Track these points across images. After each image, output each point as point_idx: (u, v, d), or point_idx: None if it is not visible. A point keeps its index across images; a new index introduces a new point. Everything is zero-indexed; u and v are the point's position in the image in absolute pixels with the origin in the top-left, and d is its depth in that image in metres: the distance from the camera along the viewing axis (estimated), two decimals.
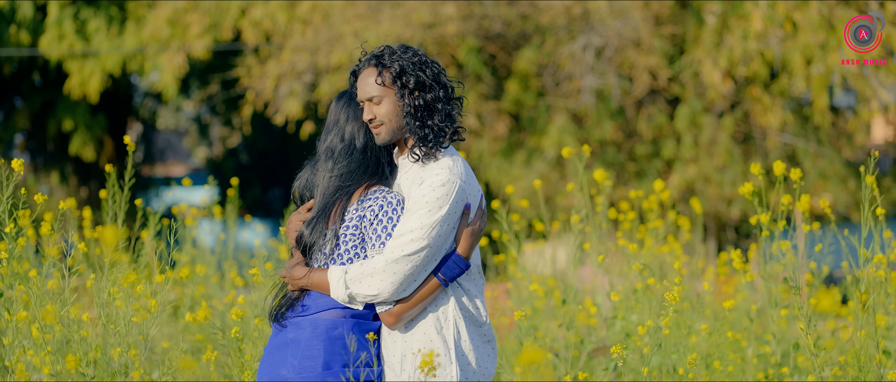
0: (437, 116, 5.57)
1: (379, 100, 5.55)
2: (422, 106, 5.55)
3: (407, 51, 5.59)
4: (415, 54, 5.59)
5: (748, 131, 23.62)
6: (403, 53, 5.57)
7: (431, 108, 5.57)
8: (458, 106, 5.67)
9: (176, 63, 24.49)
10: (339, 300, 5.45)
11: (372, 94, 5.55)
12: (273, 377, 5.44)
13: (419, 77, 5.55)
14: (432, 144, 5.56)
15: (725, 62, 21.88)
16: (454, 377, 5.48)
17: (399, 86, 5.55)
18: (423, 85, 5.56)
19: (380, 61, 5.57)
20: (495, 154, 24.27)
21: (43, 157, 31.12)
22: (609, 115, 23.32)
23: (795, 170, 7.58)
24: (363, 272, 5.42)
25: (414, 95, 5.55)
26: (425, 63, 5.59)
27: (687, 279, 11.43)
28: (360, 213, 5.49)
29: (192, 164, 42.06)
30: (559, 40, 23.34)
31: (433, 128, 5.56)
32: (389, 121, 5.56)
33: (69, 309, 6.84)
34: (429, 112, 5.57)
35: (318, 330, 5.44)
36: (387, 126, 5.57)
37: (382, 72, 5.55)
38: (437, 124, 5.57)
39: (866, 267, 7.67)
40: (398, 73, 5.54)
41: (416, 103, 5.55)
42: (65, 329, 6.97)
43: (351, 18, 23.25)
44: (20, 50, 25.94)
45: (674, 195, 22.62)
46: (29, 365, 7.11)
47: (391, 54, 5.57)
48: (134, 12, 25.99)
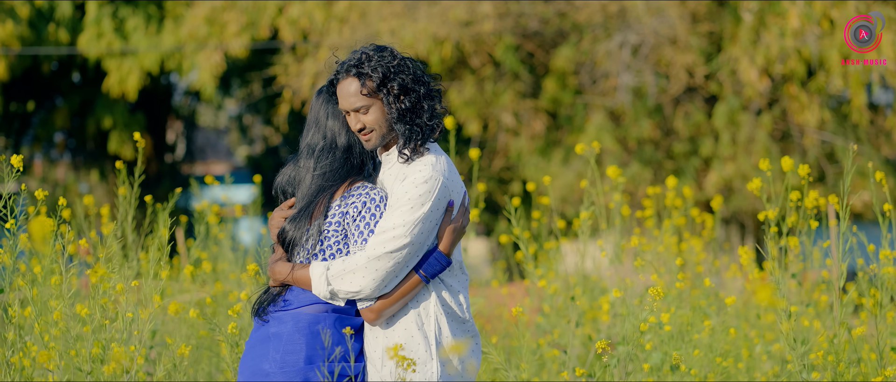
0: (424, 115, 5.55)
1: (366, 110, 5.51)
2: (408, 108, 5.52)
3: (383, 53, 5.54)
4: (393, 56, 5.54)
5: (786, 129, 23.47)
6: (381, 58, 5.52)
7: (417, 108, 5.54)
8: (439, 98, 5.63)
9: (213, 61, 24.56)
10: (321, 296, 5.43)
11: (357, 104, 5.51)
12: (255, 371, 5.43)
13: (401, 80, 5.51)
14: (421, 142, 5.53)
15: (762, 60, 21.75)
16: (434, 373, 5.45)
17: (384, 93, 5.50)
18: (406, 88, 5.52)
19: (360, 71, 5.51)
20: (533, 152, 24.21)
21: (83, 155, 31.27)
22: (646, 113, 23.23)
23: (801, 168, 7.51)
24: (345, 269, 5.40)
25: (400, 100, 5.51)
26: (404, 63, 5.55)
27: (710, 277, 11.35)
28: (343, 209, 5.47)
29: (234, 162, 42.15)
30: (596, 38, 23.27)
31: (422, 127, 5.54)
32: (379, 128, 5.54)
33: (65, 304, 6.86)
34: (416, 113, 5.54)
35: (300, 325, 5.43)
36: (377, 133, 5.55)
37: (365, 81, 5.50)
38: (426, 123, 5.54)
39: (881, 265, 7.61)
40: (381, 80, 5.49)
41: (403, 107, 5.51)
42: (66, 326, 6.98)
43: (388, 16, 23.25)
44: (59, 48, 26.10)
45: (711, 193, 22.52)
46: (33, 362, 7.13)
47: (369, 61, 5.51)
48: (172, 11, 26.10)
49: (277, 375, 5.37)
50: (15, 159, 6.54)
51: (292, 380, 5.34)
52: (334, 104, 5.64)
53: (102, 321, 6.65)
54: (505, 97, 24.04)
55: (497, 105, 24.18)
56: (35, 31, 25.82)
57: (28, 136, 30.64)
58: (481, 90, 24.28)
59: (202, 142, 40.11)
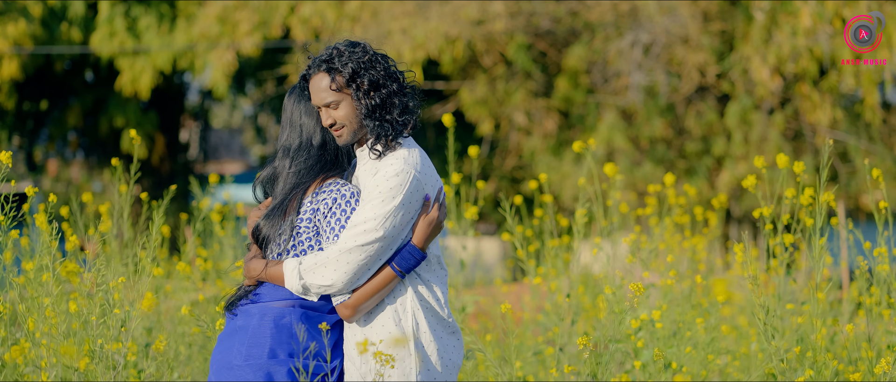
0: (395, 110, 5.52)
1: (336, 105, 5.49)
2: (379, 104, 5.49)
3: (354, 49, 5.50)
4: (364, 51, 5.50)
5: (798, 128, 23.42)
6: (352, 53, 5.50)
7: (388, 104, 5.51)
8: (413, 95, 5.61)
9: (225, 60, 24.59)
10: (294, 291, 5.44)
11: (328, 99, 5.49)
12: (223, 365, 5.46)
13: (372, 76, 5.47)
14: (392, 138, 5.51)
15: (774, 59, 21.71)
16: (412, 369, 5.43)
17: (354, 88, 5.47)
18: (376, 83, 5.49)
19: (330, 66, 5.48)
20: (545, 151, 24.19)
21: (96, 154, 31.33)
22: (658, 112, 23.20)
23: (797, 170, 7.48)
24: (316, 263, 5.40)
25: (370, 96, 5.48)
26: (375, 59, 5.51)
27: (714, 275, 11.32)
28: (314, 206, 5.48)
29: (249, 161, 42.23)
30: (608, 37, 23.25)
31: (392, 123, 5.51)
32: (350, 123, 5.51)
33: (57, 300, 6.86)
34: (386, 109, 5.51)
35: (265, 318, 5.45)
36: (348, 128, 5.52)
37: (335, 76, 5.47)
38: (396, 119, 5.51)
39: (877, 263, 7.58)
40: (351, 75, 5.46)
41: (373, 103, 5.48)
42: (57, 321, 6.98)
43: (399, 15, 23.26)
44: (71, 48, 26.15)
45: (724, 192, 22.48)
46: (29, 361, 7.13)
47: (340, 56, 5.47)
48: (184, 10, 26.14)
49: (243, 369, 5.40)
50: (4, 156, 6.52)
51: (256, 373, 5.35)
52: (307, 101, 5.62)
53: (90, 318, 6.64)
54: (517, 96, 24.04)
55: (509, 104, 24.18)
56: (48, 31, 25.88)
57: (42, 135, 30.71)
58: (493, 89, 24.28)
59: (216, 141, 40.15)
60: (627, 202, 19.90)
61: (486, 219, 28.28)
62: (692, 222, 12.46)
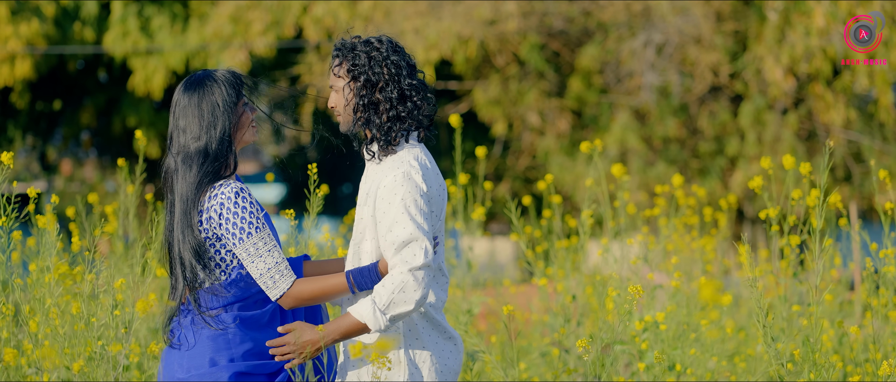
0: (384, 115, 5.41)
1: (335, 90, 5.44)
2: (366, 105, 5.39)
3: (368, 45, 5.39)
4: (375, 49, 5.36)
5: (812, 129, 23.36)
6: (364, 47, 5.40)
7: (378, 107, 5.40)
8: (419, 107, 5.45)
9: (238, 60, 24.58)
10: (379, 329, 5.23)
11: (331, 83, 5.44)
12: (168, 378, 5.38)
13: (369, 76, 5.35)
14: (382, 143, 5.40)
15: (787, 59, 21.67)
16: (404, 374, 5.34)
17: (349, 80, 5.41)
18: (371, 83, 5.37)
19: (340, 52, 5.44)
20: (558, 152, 24.17)
21: (109, 154, 31.33)
22: (671, 112, 23.17)
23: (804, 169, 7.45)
24: (393, 300, 5.22)
25: (361, 94, 5.38)
26: (385, 60, 5.37)
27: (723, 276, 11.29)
28: (207, 216, 5.35)
29: (263, 161, 42.23)
30: (621, 37, 23.23)
31: (379, 127, 5.38)
32: (342, 112, 5.44)
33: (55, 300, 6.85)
34: (374, 111, 5.41)
35: (200, 329, 5.35)
36: (341, 117, 5.44)
37: (341, 63, 5.43)
38: (383, 123, 5.36)
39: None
40: (350, 68, 5.40)
41: (362, 102, 5.38)
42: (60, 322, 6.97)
43: (412, 15, 23.26)
44: (84, 47, 26.20)
45: (737, 193, 22.43)
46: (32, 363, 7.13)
47: (352, 48, 5.40)
48: (197, 10, 26.16)
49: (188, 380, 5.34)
50: (5, 157, 6.50)
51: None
52: (196, 106, 5.47)
53: (90, 319, 6.63)
54: (530, 96, 24.02)
55: (522, 104, 24.17)
56: (61, 30, 25.93)
57: (55, 135, 30.75)
58: (506, 89, 24.27)
59: None
60: (640, 202, 19.86)
61: (499, 219, 28.24)
62: (701, 223, 12.39)
